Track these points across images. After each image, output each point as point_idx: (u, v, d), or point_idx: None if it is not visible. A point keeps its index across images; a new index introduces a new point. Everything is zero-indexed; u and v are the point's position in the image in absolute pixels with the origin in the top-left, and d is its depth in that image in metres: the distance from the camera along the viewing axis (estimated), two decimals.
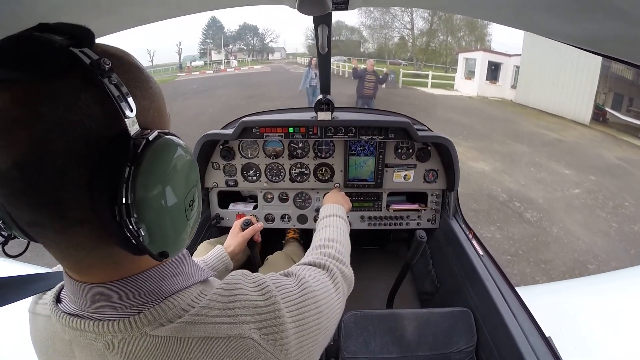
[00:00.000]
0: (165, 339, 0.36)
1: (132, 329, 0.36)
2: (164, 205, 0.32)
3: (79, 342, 0.38)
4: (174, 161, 0.33)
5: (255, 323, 0.39)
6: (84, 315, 0.38)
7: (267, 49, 41.91)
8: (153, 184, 0.31)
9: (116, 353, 0.37)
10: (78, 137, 0.29)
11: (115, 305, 0.37)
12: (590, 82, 9.23)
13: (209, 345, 0.37)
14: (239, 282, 0.43)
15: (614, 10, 0.37)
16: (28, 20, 0.44)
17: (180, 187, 0.34)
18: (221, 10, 7.43)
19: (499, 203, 4.26)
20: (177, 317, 0.37)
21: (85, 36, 0.31)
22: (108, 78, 0.29)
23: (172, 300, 0.38)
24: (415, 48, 24.86)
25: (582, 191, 4.73)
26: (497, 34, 20.91)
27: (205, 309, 0.39)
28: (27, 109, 0.28)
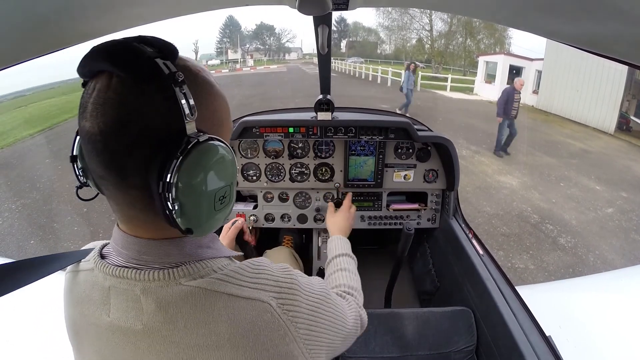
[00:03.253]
0: (196, 289, 0.43)
1: (169, 279, 0.43)
2: (196, 193, 0.39)
3: (118, 288, 0.44)
4: (212, 162, 0.40)
5: (274, 293, 0.46)
6: (128, 265, 0.45)
7: (283, 49, 42.08)
8: (191, 175, 0.38)
9: (150, 298, 0.43)
10: (147, 125, 0.38)
11: (159, 260, 0.44)
12: (616, 89, 8.89)
13: (232, 301, 0.43)
14: (264, 263, 0.50)
15: (614, 10, 0.37)
16: (28, 20, 0.44)
17: (212, 183, 0.40)
18: (238, 10, 7.31)
19: (530, 226, 4.03)
20: (210, 273, 0.45)
21: (170, 52, 0.40)
22: (179, 87, 0.38)
23: (206, 262, 0.46)
24: (433, 50, 24.78)
25: (615, 211, 4.56)
26: (517, 37, 20.60)
27: (233, 272, 0.46)
28: (118, 95, 0.37)
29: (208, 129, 0.42)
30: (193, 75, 0.43)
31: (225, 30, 38.78)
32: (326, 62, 1.16)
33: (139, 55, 0.37)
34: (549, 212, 4.39)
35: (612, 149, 7.61)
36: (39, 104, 12.99)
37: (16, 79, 13.58)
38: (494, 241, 3.66)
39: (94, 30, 0.57)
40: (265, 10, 46.04)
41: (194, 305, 0.42)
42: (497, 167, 5.83)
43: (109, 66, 0.38)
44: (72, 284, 0.50)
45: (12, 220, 4.29)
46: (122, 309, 0.44)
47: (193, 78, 0.42)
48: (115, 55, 0.38)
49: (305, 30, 40.47)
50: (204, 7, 0.77)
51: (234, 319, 0.42)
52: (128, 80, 0.37)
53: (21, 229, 4.08)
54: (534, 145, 7.15)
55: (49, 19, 0.46)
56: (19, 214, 4.42)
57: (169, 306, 0.42)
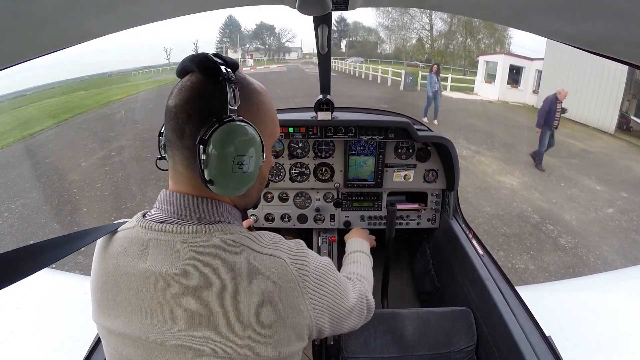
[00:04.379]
0: (227, 241, 0.53)
1: (205, 232, 0.53)
2: (218, 153, 0.50)
3: (158, 239, 0.54)
4: (236, 135, 0.51)
5: (288, 254, 0.56)
6: (170, 220, 0.55)
7: (283, 49, 42.10)
8: (219, 139, 0.50)
9: (188, 247, 0.52)
10: (205, 104, 0.53)
11: (197, 215, 0.55)
12: (616, 89, 8.86)
13: (254, 255, 0.53)
14: (279, 236, 0.60)
15: (614, 10, 0.37)
16: (28, 20, 0.44)
17: (232, 149, 0.51)
18: (238, 10, 7.26)
19: (531, 226, 4.04)
20: (240, 232, 0.55)
21: (233, 65, 0.56)
22: (230, 85, 0.52)
23: (235, 225, 0.57)
24: (433, 50, 24.75)
25: (616, 211, 4.56)
26: (517, 37, 20.51)
27: (257, 235, 0.57)
28: (192, 84, 0.55)
29: (248, 118, 0.54)
30: (246, 83, 0.58)
31: (225, 30, 38.81)
32: (326, 62, 1.16)
33: (211, 62, 0.53)
34: (549, 212, 4.38)
35: (612, 149, 7.59)
36: (39, 103, 13.00)
37: (16, 79, 13.57)
38: (494, 241, 3.66)
39: (94, 30, 0.57)
40: (265, 10, 46.10)
41: (223, 252, 0.51)
42: (497, 167, 5.83)
43: (193, 67, 0.55)
44: (108, 243, 0.58)
45: (12, 220, 4.29)
46: (160, 257, 0.53)
47: (245, 84, 0.58)
48: (198, 61, 0.54)
49: (305, 30, 40.50)
50: (204, 7, 0.77)
51: (256, 268, 0.51)
52: (201, 76, 0.54)
53: (21, 229, 4.08)
54: (534, 145, 7.13)
55: (49, 19, 0.46)
56: (19, 214, 4.43)
57: (203, 252, 0.51)
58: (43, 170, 5.84)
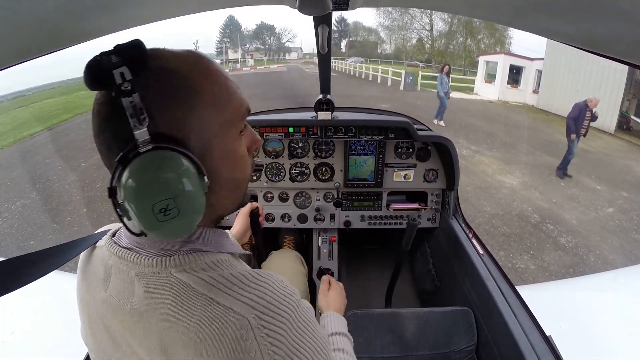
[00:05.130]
0: (182, 283, 0.43)
1: (160, 267, 0.44)
2: (132, 204, 0.39)
3: (118, 267, 0.47)
4: (147, 175, 0.39)
5: (260, 312, 0.41)
6: (130, 247, 0.47)
7: (283, 49, 42.05)
8: (127, 185, 0.39)
9: (142, 282, 0.44)
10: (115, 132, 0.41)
11: (155, 245, 0.46)
12: (617, 88, 8.84)
13: (211, 306, 0.41)
14: (271, 278, 0.46)
15: (614, 10, 0.37)
16: (28, 20, 0.44)
17: (146, 196, 0.39)
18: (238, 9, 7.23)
19: (531, 226, 4.02)
20: (200, 270, 0.44)
21: (132, 59, 0.39)
22: (130, 98, 0.38)
23: (200, 255, 0.46)
24: (433, 50, 24.75)
25: (616, 210, 4.55)
26: (517, 37, 20.44)
27: (227, 275, 0.44)
28: (97, 105, 0.42)
29: (179, 131, 0.42)
30: (165, 76, 0.41)
31: (225, 30, 38.82)
32: (326, 62, 1.16)
33: (98, 69, 0.38)
34: (549, 212, 4.38)
35: (612, 149, 7.59)
36: (39, 104, 12.99)
37: (16, 79, 13.57)
38: (494, 241, 3.66)
39: (94, 30, 0.57)
40: (265, 10, 46.09)
41: (175, 298, 0.42)
42: (497, 167, 5.82)
43: (84, 82, 0.40)
44: (87, 259, 0.54)
45: (12, 221, 4.29)
46: (118, 288, 0.47)
47: (163, 80, 0.41)
48: (84, 72, 0.39)
49: (306, 30, 40.53)
50: (204, 7, 0.77)
51: (207, 323, 0.40)
52: (102, 93, 0.42)
53: (21, 229, 4.08)
54: (534, 145, 7.13)
55: (49, 19, 0.46)
56: (19, 214, 4.42)
57: (155, 293, 0.43)
58: (43, 170, 5.84)
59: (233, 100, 0.47)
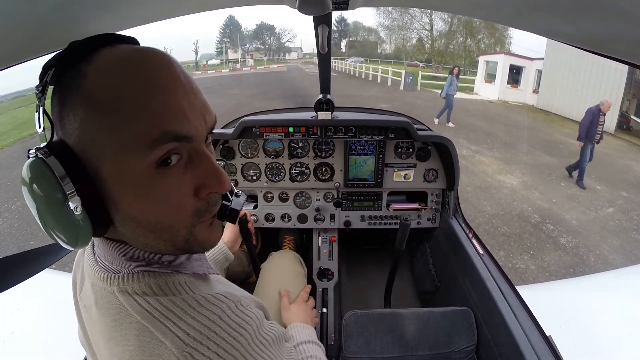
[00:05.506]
0: (121, 305, 0.40)
1: (106, 283, 0.42)
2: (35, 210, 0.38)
3: (89, 273, 0.46)
4: (26, 183, 0.37)
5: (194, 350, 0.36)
6: (94, 254, 0.46)
7: (283, 49, 42.10)
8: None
9: (94, 294, 0.43)
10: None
11: (105, 259, 0.44)
12: (617, 88, 8.86)
13: (144, 335, 0.37)
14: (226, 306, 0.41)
15: (614, 10, 0.37)
16: (28, 20, 0.44)
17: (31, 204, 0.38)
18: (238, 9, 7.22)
19: (531, 226, 4.03)
20: (142, 293, 0.40)
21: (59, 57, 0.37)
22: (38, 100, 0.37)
23: (147, 276, 0.41)
24: (433, 50, 24.76)
25: (616, 210, 4.55)
26: (517, 37, 20.47)
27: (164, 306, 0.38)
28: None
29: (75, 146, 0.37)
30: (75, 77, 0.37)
31: (225, 30, 38.84)
32: (326, 62, 1.16)
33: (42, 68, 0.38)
34: (549, 212, 4.38)
35: (612, 149, 7.58)
36: None
37: (16, 79, 13.57)
38: (494, 241, 3.66)
39: (94, 30, 0.57)
40: (265, 10, 46.16)
41: (114, 320, 0.39)
42: (497, 167, 5.82)
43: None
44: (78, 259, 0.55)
45: (12, 221, 4.29)
46: (86, 293, 0.47)
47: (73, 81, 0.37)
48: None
49: (306, 30, 40.55)
50: (204, 7, 0.77)
51: (139, 354, 0.37)
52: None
53: (21, 229, 4.08)
54: (534, 145, 7.13)
55: (49, 19, 0.46)
56: (19, 214, 4.42)
57: (101, 309, 0.42)
58: None
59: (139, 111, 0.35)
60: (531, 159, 6.22)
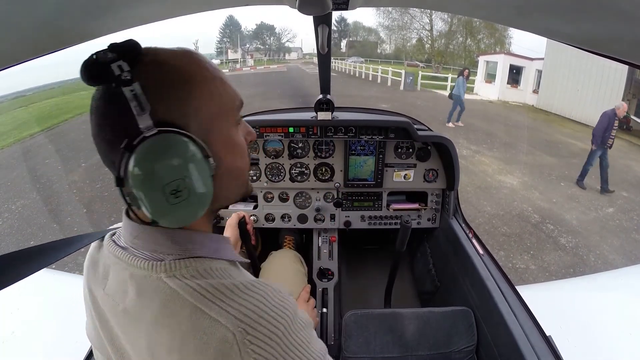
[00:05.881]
0: (170, 289, 0.42)
1: (151, 270, 0.43)
2: (143, 188, 0.40)
3: (115, 268, 0.48)
4: (156, 157, 0.40)
5: (247, 326, 0.39)
6: (126, 247, 0.48)
7: (283, 49, 42.13)
8: (136, 170, 0.39)
9: (134, 284, 0.44)
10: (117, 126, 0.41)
11: (148, 247, 0.46)
12: (617, 88, 8.87)
13: (197, 315, 0.40)
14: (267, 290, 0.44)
15: (614, 10, 0.37)
16: (28, 20, 0.44)
17: (157, 178, 0.40)
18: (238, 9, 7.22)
19: (531, 226, 4.02)
20: (191, 277, 0.43)
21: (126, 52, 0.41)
22: (129, 87, 0.39)
23: (192, 261, 0.45)
24: (433, 50, 24.78)
25: (616, 210, 4.55)
26: (517, 37, 20.46)
27: (215, 288, 0.42)
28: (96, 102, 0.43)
29: (179, 118, 0.43)
30: (159, 66, 0.43)
31: (225, 30, 38.88)
32: (326, 62, 1.16)
33: (95, 64, 0.40)
34: (549, 212, 4.38)
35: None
36: (39, 104, 12.99)
37: (16, 79, 13.57)
38: (494, 241, 3.66)
39: (94, 30, 0.57)
40: (265, 10, 46.19)
41: (163, 304, 0.41)
42: (497, 167, 5.82)
43: (82, 79, 0.41)
44: (92, 255, 0.55)
45: (12, 221, 4.29)
46: (114, 287, 0.47)
47: (158, 70, 0.43)
48: (81, 69, 0.41)
49: (306, 30, 40.57)
50: (204, 7, 0.77)
51: (192, 333, 0.39)
52: (99, 88, 0.43)
53: (21, 229, 4.08)
54: (534, 145, 7.13)
55: (49, 19, 0.46)
56: (19, 214, 4.43)
57: (144, 297, 0.43)
58: (43, 171, 5.84)
59: (227, 90, 0.48)
60: (531, 159, 6.22)
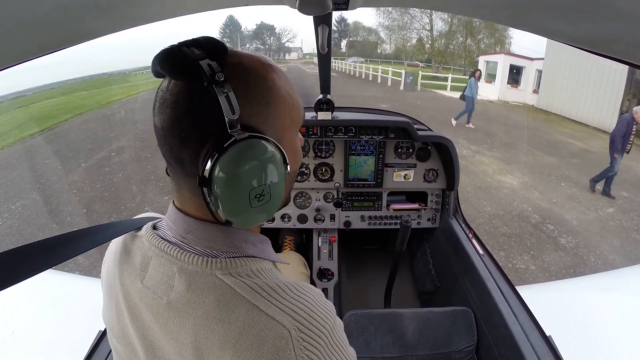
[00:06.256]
0: (227, 286, 0.43)
1: (205, 266, 0.44)
2: (228, 189, 0.41)
3: (159, 260, 0.47)
4: (247, 161, 0.41)
5: (300, 324, 0.41)
6: (173, 241, 0.48)
7: (283, 49, 42.16)
8: (225, 172, 0.40)
9: (184, 278, 0.44)
10: (198, 122, 0.42)
11: (202, 242, 0.46)
12: (617, 88, 8.88)
13: (253, 312, 0.41)
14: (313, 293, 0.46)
15: (614, 10, 0.37)
16: (28, 20, 0.44)
17: (244, 181, 0.41)
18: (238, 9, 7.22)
19: (531, 226, 4.02)
20: (246, 276, 0.44)
21: (217, 51, 0.41)
22: (221, 87, 0.39)
23: (246, 260, 0.46)
24: (433, 50, 24.80)
25: (616, 210, 4.54)
26: (517, 37, 20.49)
27: (270, 287, 0.43)
28: (173, 96, 0.42)
29: (261, 124, 0.44)
30: (245, 71, 0.44)
31: (225, 30, 38.97)
32: (326, 62, 1.16)
33: (184, 59, 0.40)
34: (549, 212, 4.38)
35: None
36: (39, 104, 12.99)
37: (16, 79, 13.57)
38: (494, 241, 3.66)
39: (94, 30, 0.57)
40: (265, 10, 46.23)
41: (217, 300, 0.42)
42: (497, 167, 5.82)
43: (163, 71, 0.42)
44: (126, 245, 0.54)
45: (12, 221, 4.29)
46: (156, 280, 0.47)
47: (244, 74, 0.44)
48: (165, 61, 0.41)
49: (306, 30, 40.58)
50: (204, 7, 0.77)
51: (249, 329, 0.40)
52: (179, 83, 0.42)
53: (21, 229, 4.08)
54: (534, 145, 7.13)
55: (49, 19, 0.46)
56: (19, 215, 4.42)
57: (196, 291, 0.43)
58: (43, 171, 5.84)
59: (297, 101, 0.50)
60: (531, 159, 6.22)
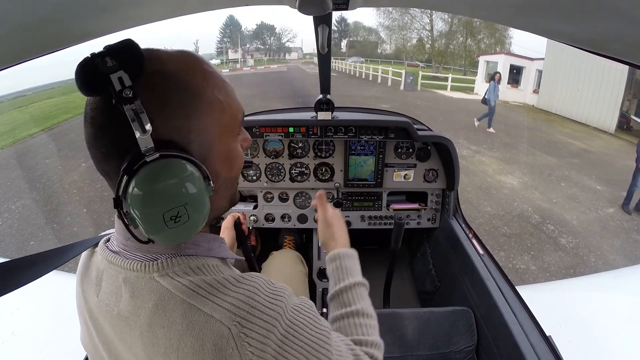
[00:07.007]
0: (163, 288, 0.42)
1: (144, 271, 0.43)
2: (142, 213, 0.38)
3: (108, 272, 0.47)
4: (158, 183, 0.38)
5: (242, 319, 0.39)
6: (119, 251, 0.47)
7: (284, 49, 42.20)
8: (136, 194, 0.38)
9: (128, 287, 0.44)
10: (114, 139, 0.40)
11: (141, 249, 0.45)
12: (617, 88, 8.89)
13: (191, 312, 0.39)
14: (257, 282, 0.44)
15: (614, 10, 0.37)
16: (28, 20, 0.44)
17: (158, 204, 0.38)
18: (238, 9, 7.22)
19: (531, 226, 4.02)
20: (183, 274, 0.43)
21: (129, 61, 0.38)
22: (132, 104, 0.36)
23: (185, 259, 0.45)
24: (433, 50, 24.80)
25: (617, 210, 4.55)
26: (518, 37, 20.53)
27: (207, 283, 0.42)
28: (92, 111, 0.40)
29: (183, 138, 0.41)
30: (164, 80, 0.40)
31: (225, 30, 38.94)
32: (326, 62, 1.16)
33: (95, 73, 0.37)
34: (549, 212, 4.38)
35: (612, 149, 7.60)
36: (39, 104, 12.99)
37: (16, 79, 13.56)
38: (494, 241, 3.66)
39: (94, 30, 0.57)
40: (265, 10, 46.30)
41: (156, 305, 0.41)
42: (497, 167, 5.82)
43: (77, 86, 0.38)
44: (85, 262, 0.54)
45: (12, 221, 4.29)
46: (108, 292, 0.47)
47: (162, 84, 0.40)
48: (77, 75, 0.38)
49: (306, 30, 40.61)
50: (204, 7, 0.77)
51: (187, 331, 0.38)
52: (96, 99, 0.40)
53: (21, 229, 4.08)
54: (534, 145, 7.13)
55: (49, 19, 0.46)
56: (19, 214, 4.42)
57: (138, 298, 0.42)
58: (43, 171, 5.84)
59: (232, 104, 0.46)
60: (531, 159, 6.21)
